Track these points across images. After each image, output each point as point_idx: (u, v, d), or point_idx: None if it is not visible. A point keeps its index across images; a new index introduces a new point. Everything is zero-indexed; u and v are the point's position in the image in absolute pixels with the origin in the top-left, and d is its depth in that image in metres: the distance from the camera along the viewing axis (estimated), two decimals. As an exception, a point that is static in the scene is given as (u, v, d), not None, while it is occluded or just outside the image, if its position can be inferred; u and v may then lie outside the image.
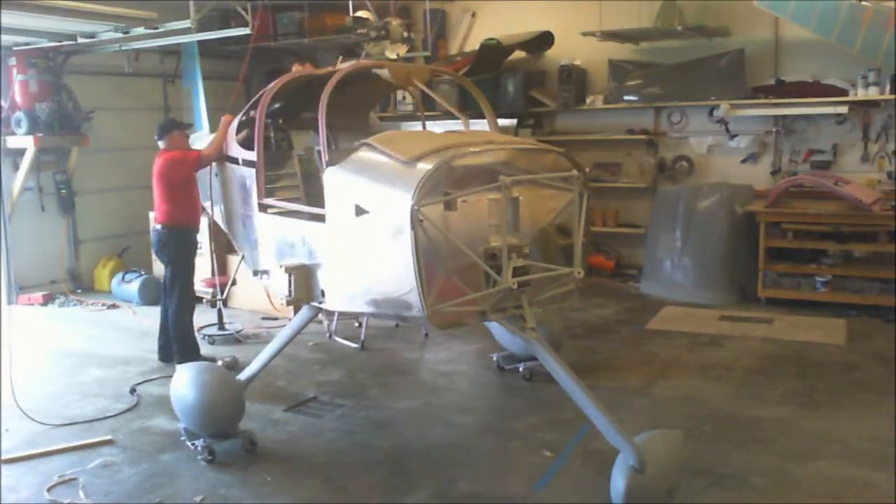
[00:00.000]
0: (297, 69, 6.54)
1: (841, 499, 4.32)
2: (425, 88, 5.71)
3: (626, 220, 10.05)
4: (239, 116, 5.90)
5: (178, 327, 6.71)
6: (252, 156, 5.44)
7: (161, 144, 6.68)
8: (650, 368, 6.55)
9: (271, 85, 5.58)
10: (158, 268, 9.64)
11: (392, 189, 4.21)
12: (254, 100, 5.73)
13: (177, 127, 6.81)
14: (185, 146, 6.73)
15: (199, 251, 6.98)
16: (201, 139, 7.51)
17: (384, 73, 5.64)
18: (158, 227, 6.67)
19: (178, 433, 5.22)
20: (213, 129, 7.46)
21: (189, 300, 6.81)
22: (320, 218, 4.78)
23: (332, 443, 5.19)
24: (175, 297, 6.70)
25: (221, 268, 8.52)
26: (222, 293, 7.95)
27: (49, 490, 4.54)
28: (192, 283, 6.85)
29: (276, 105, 6.13)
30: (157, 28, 8.08)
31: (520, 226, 4.30)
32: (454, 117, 6.16)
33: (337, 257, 4.73)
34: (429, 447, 5.09)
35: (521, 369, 6.28)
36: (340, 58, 6.67)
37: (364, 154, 4.66)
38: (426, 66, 6.81)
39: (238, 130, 5.86)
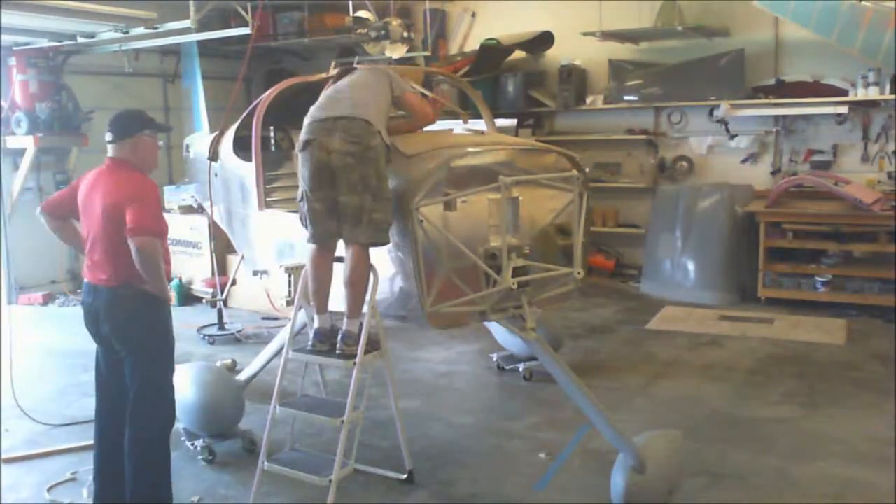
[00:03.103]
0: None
1: (841, 499, 4.32)
2: (420, 89, 5.68)
3: (626, 220, 10.04)
4: (235, 125, 5.88)
5: (139, 476, 3.96)
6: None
7: (111, 150, 4.09)
8: (650, 368, 6.55)
9: (267, 93, 5.57)
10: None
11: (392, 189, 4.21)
12: (249, 108, 5.73)
13: (147, 125, 4.18)
14: (152, 159, 4.19)
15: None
16: (200, 139, 7.49)
17: None
18: (105, 288, 3.94)
19: (177, 433, 5.21)
20: (213, 128, 7.44)
21: (166, 419, 4.10)
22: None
23: (331, 443, 5.18)
24: (141, 415, 3.97)
25: (221, 268, 8.52)
26: (222, 293, 7.95)
27: (49, 490, 4.54)
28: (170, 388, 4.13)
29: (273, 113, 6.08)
30: (157, 28, 8.08)
31: (520, 226, 4.30)
32: (457, 118, 6.16)
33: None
34: (429, 447, 5.09)
35: (521, 369, 6.28)
36: (334, 63, 6.62)
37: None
38: (420, 68, 6.80)
39: (235, 137, 5.82)
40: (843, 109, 8.59)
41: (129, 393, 3.98)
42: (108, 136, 4.10)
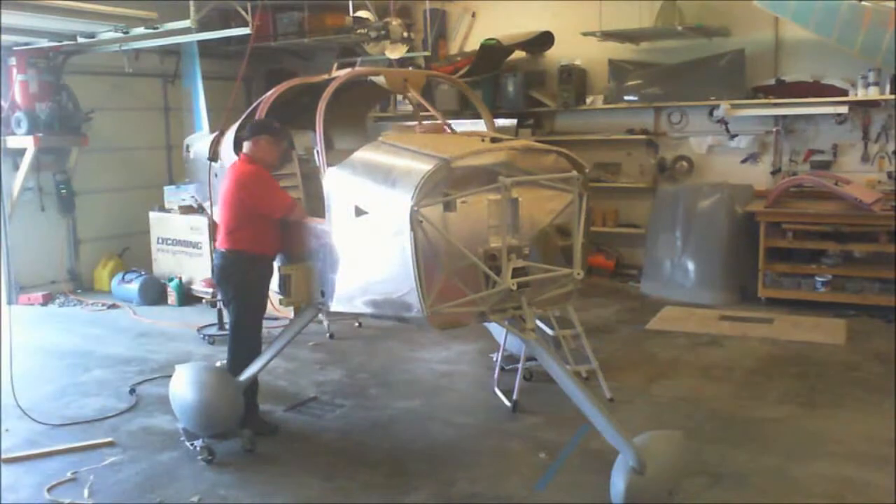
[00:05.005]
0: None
1: (841, 499, 4.32)
2: (419, 97, 5.68)
3: (626, 220, 10.05)
4: (236, 125, 5.87)
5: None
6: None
7: (245, 147, 5.24)
8: (650, 368, 6.55)
9: (268, 94, 5.57)
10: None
11: (392, 190, 4.21)
12: (250, 108, 5.72)
13: (268, 131, 5.25)
14: (272, 158, 5.28)
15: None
16: (200, 139, 7.50)
17: (380, 80, 5.63)
18: (222, 250, 5.23)
19: (177, 433, 5.22)
20: (213, 129, 7.44)
21: (251, 345, 5.30)
22: (319, 219, 4.80)
23: (332, 443, 5.19)
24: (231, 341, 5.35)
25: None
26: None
27: (49, 490, 4.54)
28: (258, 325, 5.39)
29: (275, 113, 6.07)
30: (157, 28, 8.08)
31: (519, 226, 4.30)
32: (457, 118, 6.15)
33: (336, 258, 4.74)
34: (429, 447, 5.09)
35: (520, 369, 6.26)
36: (336, 64, 6.61)
37: (364, 155, 4.66)
38: (422, 72, 6.78)
39: (235, 137, 5.81)
40: (843, 109, 8.59)
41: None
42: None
